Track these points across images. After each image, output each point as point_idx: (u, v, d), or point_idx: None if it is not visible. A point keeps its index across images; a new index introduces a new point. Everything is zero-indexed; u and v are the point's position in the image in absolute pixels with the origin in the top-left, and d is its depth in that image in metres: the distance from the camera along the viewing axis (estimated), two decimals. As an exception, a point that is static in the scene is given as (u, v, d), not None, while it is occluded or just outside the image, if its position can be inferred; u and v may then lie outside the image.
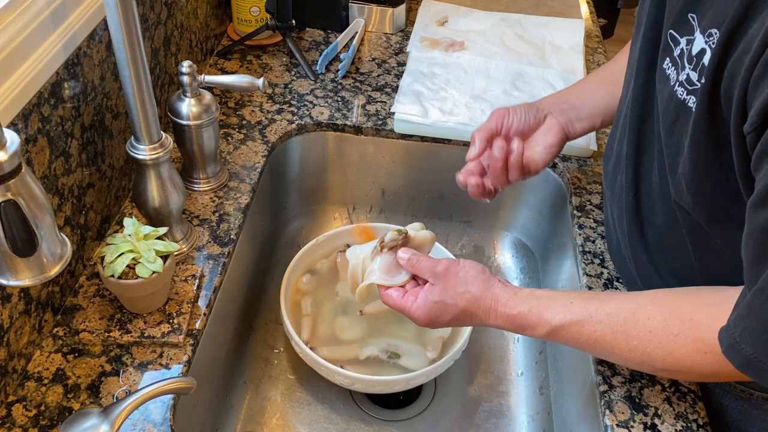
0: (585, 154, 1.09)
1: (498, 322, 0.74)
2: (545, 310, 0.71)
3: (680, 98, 0.62)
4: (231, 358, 0.99)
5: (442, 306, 0.76)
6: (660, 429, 0.75)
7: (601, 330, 0.68)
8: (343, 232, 1.08)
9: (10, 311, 0.70)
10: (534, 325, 0.72)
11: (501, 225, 1.23)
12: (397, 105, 1.12)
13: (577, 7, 1.44)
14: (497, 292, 0.74)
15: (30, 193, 0.55)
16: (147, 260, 0.76)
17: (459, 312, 0.76)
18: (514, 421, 1.00)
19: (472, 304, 0.75)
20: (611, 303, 0.69)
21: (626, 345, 0.67)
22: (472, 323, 0.78)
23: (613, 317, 0.68)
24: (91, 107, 0.83)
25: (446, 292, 0.76)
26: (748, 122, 0.53)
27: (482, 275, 0.76)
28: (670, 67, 0.64)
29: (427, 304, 0.77)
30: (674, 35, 0.64)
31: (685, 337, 0.63)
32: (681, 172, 0.64)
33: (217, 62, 1.23)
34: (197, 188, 0.98)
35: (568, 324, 0.70)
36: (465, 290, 0.75)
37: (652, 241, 0.76)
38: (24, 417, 0.71)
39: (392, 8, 1.32)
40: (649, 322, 0.66)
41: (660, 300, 0.67)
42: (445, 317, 0.77)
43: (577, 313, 0.70)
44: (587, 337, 0.69)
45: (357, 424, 0.98)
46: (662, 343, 0.65)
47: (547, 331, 0.71)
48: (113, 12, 0.70)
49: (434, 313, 0.77)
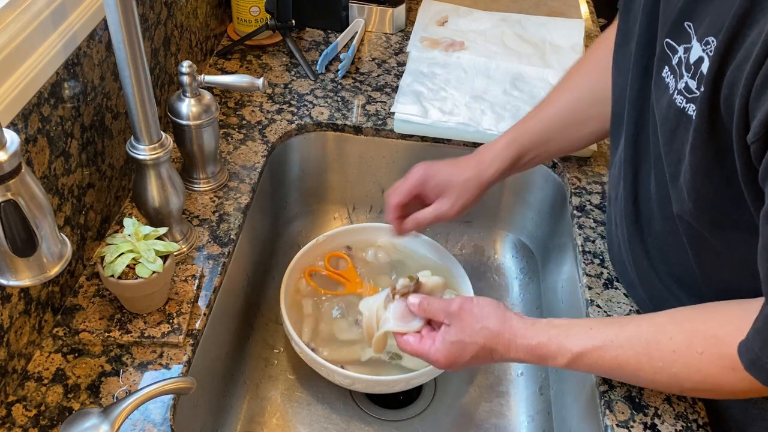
0: (585, 154, 1.09)
1: (519, 355, 0.73)
2: (565, 338, 0.70)
3: (679, 106, 0.62)
4: (231, 358, 0.99)
5: (461, 345, 0.75)
6: (660, 429, 0.75)
7: (623, 354, 0.67)
8: (343, 232, 1.08)
9: (10, 311, 0.70)
10: (555, 354, 0.71)
11: (501, 225, 1.23)
12: (397, 105, 1.12)
13: (577, 7, 1.44)
14: (515, 325, 0.73)
15: (30, 193, 0.55)
16: (147, 260, 0.76)
17: (479, 349, 0.74)
18: (514, 421, 1.00)
19: (491, 339, 0.74)
20: (630, 326, 0.69)
21: (650, 367, 0.66)
22: (493, 360, 0.76)
23: (634, 340, 0.67)
24: (91, 107, 0.83)
25: (464, 332, 0.75)
26: (752, 132, 0.53)
27: (497, 310, 0.75)
28: (669, 75, 0.64)
29: (446, 346, 0.76)
30: (671, 44, 0.64)
31: (711, 354, 0.62)
32: (682, 181, 0.63)
33: (217, 62, 1.23)
34: (197, 188, 0.98)
35: (589, 350, 0.69)
36: (482, 326, 0.74)
37: (652, 247, 0.76)
38: (24, 417, 0.71)
39: (392, 8, 1.32)
40: (671, 342, 0.65)
41: (679, 319, 0.67)
42: (465, 356, 0.75)
43: (598, 338, 0.69)
44: (610, 362, 0.68)
45: (357, 424, 0.98)
46: (688, 362, 0.64)
47: (569, 359, 0.70)
48: (113, 12, 0.70)
49: (454, 353, 0.76)
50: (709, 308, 0.67)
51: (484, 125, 1.09)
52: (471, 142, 1.11)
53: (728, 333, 0.62)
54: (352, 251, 1.09)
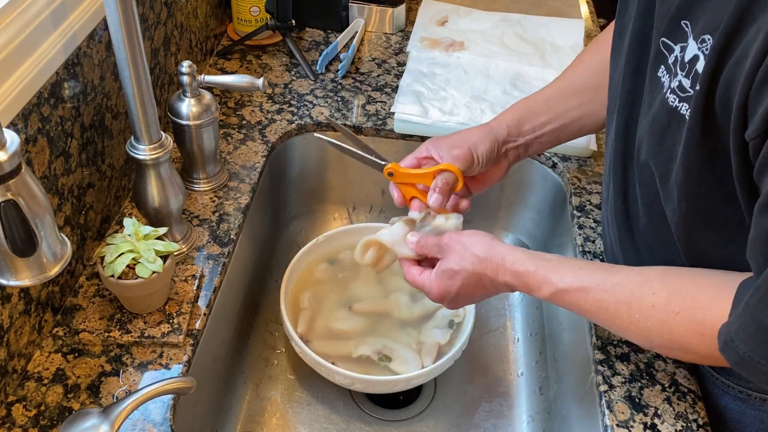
0: (585, 154, 1.09)
1: (507, 278, 0.74)
2: (552, 272, 0.71)
3: (672, 105, 0.62)
4: (231, 358, 0.99)
5: (451, 273, 0.77)
6: (660, 429, 0.75)
7: (605, 299, 0.68)
8: (343, 232, 1.08)
9: (10, 311, 0.70)
10: (539, 285, 0.72)
11: (501, 225, 1.23)
12: (397, 105, 1.12)
13: (577, 7, 1.44)
14: (503, 250, 0.75)
15: (30, 193, 0.55)
16: (147, 260, 0.76)
17: (468, 275, 0.76)
18: (514, 421, 1.00)
19: (478, 265, 0.75)
20: (620, 274, 0.69)
21: (628, 317, 0.67)
22: (485, 288, 0.77)
23: (619, 287, 0.68)
24: (91, 107, 0.83)
25: (453, 260, 0.77)
26: (751, 129, 0.53)
27: (485, 237, 0.77)
28: (665, 74, 0.64)
29: (438, 275, 0.78)
30: (667, 43, 0.64)
31: (685, 317, 0.63)
32: (674, 180, 0.64)
33: (217, 62, 1.23)
34: (197, 188, 0.98)
35: (573, 289, 0.70)
36: (470, 253, 0.76)
37: (642, 246, 0.76)
38: (24, 417, 0.71)
39: (392, 8, 1.32)
40: (653, 297, 0.65)
41: (668, 277, 0.67)
42: (455, 285, 0.77)
43: (584, 279, 0.69)
44: (591, 304, 0.69)
45: (357, 424, 0.98)
46: (662, 319, 0.64)
47: (552, 292, 0.71)
48: (113, 12, 0.70)
49: (445, 282, 0.77)
50: (699, 272, 0.67)
51: (484, 125, 1.09)
52: (471, 142, 1.11)
53: (706, 299, 0.62)
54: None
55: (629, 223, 0.77)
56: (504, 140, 0.89)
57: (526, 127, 0.90)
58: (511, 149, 0.90)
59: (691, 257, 0.70)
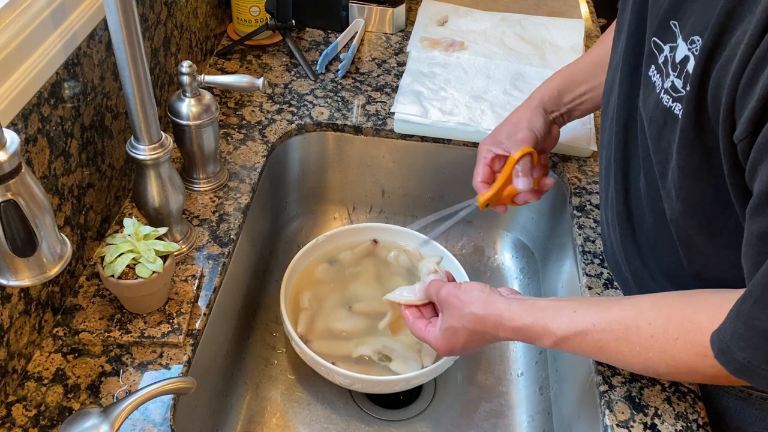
0: (585, 154, 1.09)
1: (508, 335, 0.75)
2: (550, 321, 0.71)
3: (666, 105, 0.62)
4: (231, 358, 0.99)
5: (453, 331, 0.78)
6: (660, 429, 0.75)
7: (605, 338, 0.68)
8: (343, 232, 1.08)
9: (10, 311, 0.70)
10: (540, 337, 0.72)
11: (501, 225, 1.23)
12: (397, 105, 1.12)
13: (577, 7, 1.44)
14: (500, 307, 0.74)
15: (30, 193, 0.55)
16: (147, 260, 0.76)
17: (469, 333, 0.77)
18: (514, 421, 1.00)
19: (477, 324, 0.75)
20: (614, 309, 0.69)
21: (629, 351, 0.66)
22: (488, 342, 0.78)
23: (615, 324, 0.67)
24: (91, 107, 0.83)
25: (453, 318, 0.77)
26: (738, 131, 0.53)
27: (482, 293, 0.76)
28: (656, 74, 0.64)
29: (441, 332, 0.80)
30: (657, 42, 0.64)
31: (685, 341, 0.63)
32: (670, 180, 0.64)
33: (217, 62, 1.23)
34: (197, 188, 0.98)
35: (572, 335, 0.69)
36: (468, 311, 0.76)
37: (644, 246, 0.76)
38: (24, 417, 0.71)
39: (392, 8, 1.32)
40: (650, 327, 0.65)
41: (661, 304, 0.67)
42: (459, 341, 0.78)
43: (581, 322, 0.69)
44: (592, 346, 0.69)
45: (357, 424, 0.98)
46: (663, 347, 0.64)
47: (554, 341, 0.71)
48: (113, 12, 0.70)
49: (449, 339, 0.79)
50: (690, 295, 0.67)
51: (484, 125, 1.09)
52: (471, 142, 1.11)
53: (703, 319, 0.62)
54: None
55: (631, 224, 0.77)
56: (549, 110, 0.95)
57: (567, 98, 0.95)
58: (557, 117, 0.96)
59: (692, 260, 0.70)
